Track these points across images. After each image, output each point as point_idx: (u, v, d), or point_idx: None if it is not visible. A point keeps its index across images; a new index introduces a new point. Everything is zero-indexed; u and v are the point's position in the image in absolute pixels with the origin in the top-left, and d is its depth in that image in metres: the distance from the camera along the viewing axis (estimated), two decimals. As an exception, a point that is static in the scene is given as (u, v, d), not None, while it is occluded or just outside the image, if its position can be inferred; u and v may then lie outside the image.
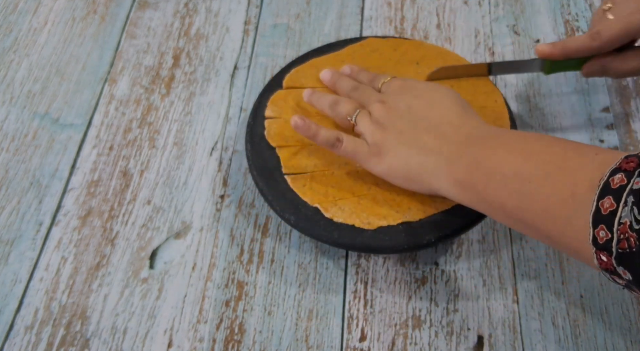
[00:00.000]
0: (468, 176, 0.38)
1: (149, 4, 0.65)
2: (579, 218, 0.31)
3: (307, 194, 0.45)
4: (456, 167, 0.39)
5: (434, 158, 0.41)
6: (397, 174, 0.43)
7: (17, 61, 0.60)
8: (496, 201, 0.37)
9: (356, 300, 0.46)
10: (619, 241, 0.29)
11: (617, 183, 0.29)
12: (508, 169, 0.36)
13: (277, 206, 0.45)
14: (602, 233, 0.30)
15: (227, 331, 0.45)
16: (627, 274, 0.29)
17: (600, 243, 0.30)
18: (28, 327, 0.45)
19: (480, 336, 0.45)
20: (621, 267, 0.29)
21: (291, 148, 0.48)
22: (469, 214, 0.44)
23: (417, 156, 0.41)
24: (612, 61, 0.48)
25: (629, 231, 0.28)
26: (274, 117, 0.50)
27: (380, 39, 0.55)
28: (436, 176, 0.41)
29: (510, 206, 0.36)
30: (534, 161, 0.35)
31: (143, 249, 0.49)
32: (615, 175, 0.30)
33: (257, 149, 0.48)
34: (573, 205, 0.32)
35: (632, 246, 0.28)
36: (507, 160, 0.37)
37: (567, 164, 0.33)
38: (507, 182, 0.36)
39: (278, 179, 0.46)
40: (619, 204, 0.29)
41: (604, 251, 0.30)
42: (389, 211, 0.44)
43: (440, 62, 0.53)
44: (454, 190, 0.40)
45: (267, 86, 0.52)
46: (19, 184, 0.52)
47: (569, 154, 0.34)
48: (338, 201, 0.45)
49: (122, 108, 0.57)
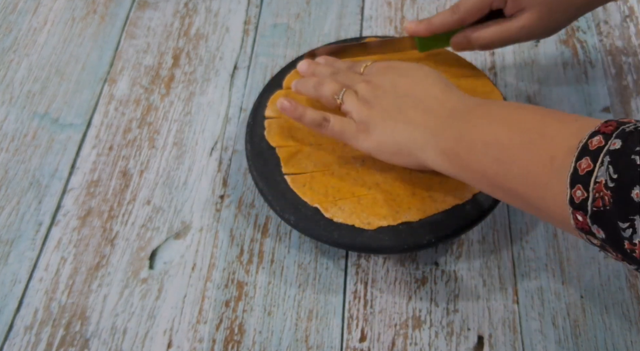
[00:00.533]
0: (453, 147, 0.39)
1: (148, 4, 0.65)
2: (557, 181, 0.32)
3: (307, 194, 0.45)
4: (442, 139, 0.40)
5: (420, 132, 0.41)
6: (385, 149, 0.43)
7: (17, 60, 0.60)
8: (479, 169, 0.37)
9: (356, 300, 0.46)
10: (594, 200, 0.29)
11: (595, 144, 0.30)
12: (490, 137, 0.37)
13: (277, 206, 0.45)
14: (578, 192, 0.30)
15: (227, 331, 0.45)
16: (601, 233, 0.30)
17: (576, 203, 0.30)
18: (27, 327, 0.45)
19: (480, 336, 0.44)
20: (595, 225, 0.30)
21: (291, 148, 0.48)
22: (469, 214, 0.44)
23: (405, 131, 0.42)
24: (473, 32, 0.49)
25: (604, 189, 0.29)
26: (274, 117, 0.50)
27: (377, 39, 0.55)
28: (423, 149, 0.41)
29: (492, 173, 0.36)
30: (514, 129, 0.36)
31: (143, 250, 0.49)
32: (593, 137, 0.30)
33: (257, 149, 0.48)
34: (552, 169, 0.32)
35: (607, 204, 0.29)
36: (488, 129, 0.37)
37: (546, 131, 0.34)
38: (488, 150, 0.37)
39: (278, 179, 0.46)
40: (595, 164, 0.29)
41: (579, 210, 0.30)
42: (389, 211, 0.44)
43: (440, 62, 0.53)
44: (439, 161, 0.40)
45: (267, 86, 0.52)
46: (19, 184, 0.52)
47: (548, 121, 0.35)
48: (338, 201, 0.45)
49: (122, 108, 0.57)
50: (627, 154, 0.28)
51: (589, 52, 0.61)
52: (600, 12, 0.63)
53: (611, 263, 0.48)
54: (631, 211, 0.27)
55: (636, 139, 0.29)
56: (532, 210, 0.36)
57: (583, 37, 0.62)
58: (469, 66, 0.53)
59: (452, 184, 0.45)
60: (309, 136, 0.48)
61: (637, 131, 0.29)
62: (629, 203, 0.27)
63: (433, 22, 0.50)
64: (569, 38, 0.61)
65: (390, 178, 0.46)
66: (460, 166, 0.39)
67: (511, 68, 0.59)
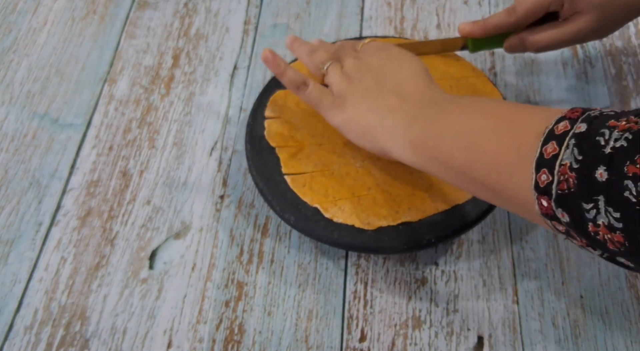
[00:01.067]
0: (421, 135, 0.39)
1: (148, 4, 0.65)
2: (523, 167, 0.32)
3: (307, 195, 0.45)
4: (411, 128, 0.40)
5: (391, 117, 0.41)
6: (353, 128, 0.43)
7: (17, 61, 0.60)
8: (447, 159, 0.37)
9: (356, 301, 0.46)
10: (559, 183, 0.29)
11: (562, 129, 0.30)
12: (460, 126, 0.37)
13: (277, 206, 0.45)
14: (543, 176, 0.30)
15: (226, 331, 0.45)
16: (566, 217, 0.30)
17: (541, 187, 0.30)
18: (27, 327, 0.45)
19: (480, 336, 0.44)
20: (560, 209, 0.30)
21: (291, 148, 0.48)
22: (469, 214, 0.44)
23: (376, 113, 0.42)
24: (529, 35, 0.49)
25: (569, 171, 0.29)
26: (274, 117, 0.50)
27: (380, 39, 0.55)
28: (390, 136, 0.41)
29: (459, 162, 0.36)
30: (485, 117, 0.36)
31: (143, 250, 0.49)
32: (560, 123, 0.31)
33: (256, 149, 0.48)
34: (519, 155, 0.32)
35: (571, 186, 0.29)
36: (459, 118, 0.37)
37: (515, 118, 0.34)
38: (457, 138, 0.36)
39: (278, 180, 0.46)
40: (561, 148, 0.29)
41: (544, 195, 0.30)
42: (388, 211, 0.44)
43: (440, 61, 0.53)
44: (405, 151, 0.40)
45: (266, 86, 0.52)
46: (19, 185, 0.52)
47: (519, 110, 0.35)
48: (338, 201, 0.45)
49: (122, 108, 0.57)
50: (591, 136, 0.28)
51: (589, 52, 0.61)
52: (600, 12, 0.63)
53: (611, 264, 0.48)
54: (595, 191, 0.27)
55: (600, 122, 0.29)
56: (499, 200, 0.36)
57: (583, 37, 0.62)
58: (469, 67, 0.53)
59: (451, 188, 0.45)
60: (309, 136, 0.48)
61: (602, 116, 0.29)
62: (592, 183, 0.28)
63: (488, 24, 0.50)
64: (569, 38, 0.61)
65: (390, 177, 0.46)
66: (428, 157, 0.38)
67: (511, 68, 0.59)
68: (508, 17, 0.49)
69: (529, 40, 0.50)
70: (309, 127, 0.49)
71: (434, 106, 0.40)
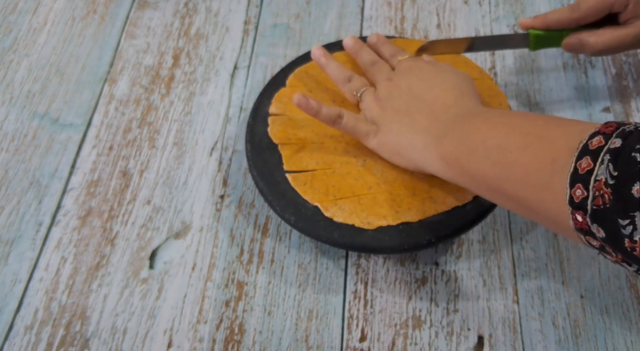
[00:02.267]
0: (452, 151, 0.40)
1: (148, 3, 0.65)
2: (557, 182, 0.32)
3: (308, 193, 0.45)
4: (442, 144, 0.41)
5: (422, 136, 0.43)
6: (387, 149, 0.45)
7: (17, 60, 0.60)
8: (478, 173, 0.38)
9: (356, 300, 0.46)
10: (594, 198, 0.29)
11: (595, 144, 0.30)
12: (491, 142, 0.37)
13: (277, 206, 0.45)
14: (578, 191, 0.30)
15: (227, 331, 0.45)
16: (601, 232, 0.30)
17: (576, 202, 0.30)
18: (28, 327, 0.45)
19: (480, 336, 0.44)
20: (595, 224, 0.30)
21: (293, 146, 0.48)
22: (469, 214, 0.44)
23: (408, 134, 0.43)
24: (589, 36, 0.49)
25: (604, 187, 0.29)
26: (278, 114, 0.50)
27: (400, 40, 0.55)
28: (423, 154, 0.42)
29: (492, 177, 0.37)
30: (516, 133, 0.36)
31: (143, 250, 0.49)
32: (594, 138, 0.31)
33: (257, 148, 0.48)
34: (552, 170, 0.32)
35: (606, 202, 0.29)
36: (490, 134, 0.38)
37: (547, 134, 0.34)
38: (489, 154, 0.37)
39: (278, 179, 0.46)
40: (596, 163, 0.29)
41: (579, 210, 0.30)
42: (389, 211, 0.44)
43: (449, 62, 0.53)
44: (439, 166, 0.41)
45: (267, 86, 0.52)
46: (19, 184, 0.52)
47: (550, 125, 0.35)
48: (338, 201, 0.45)
49: (122, 108, 0.57)
50: (627, 151, 0.28)
51: (589, 52, 0.60)
52: (600, 12, 0.63)
53: (611, 263, 0.48)
54: (631, 207, 0.27)
55: (636, 138, 0.29)
56: (532, 215, 0.36)
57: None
58: (476, 69, 0.53)
59: (453, 185, 0.45)
60: (311, 134, 0.48)
61: (637, 131, 0.29)
62: (629, 199, 0.28)
63: (549, 18, 0.50)
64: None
65: (391, 177, 0.46)
66: (460, 171, 0.39)
67: (511, 68, 0.59)
68: (571, 13, 0.49)
69: (589, 42, 0.49)
70: (312, 126, 0.49)
71: (462, 122, 0.41)
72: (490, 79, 0.52)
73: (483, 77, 0.52)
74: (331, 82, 0.51)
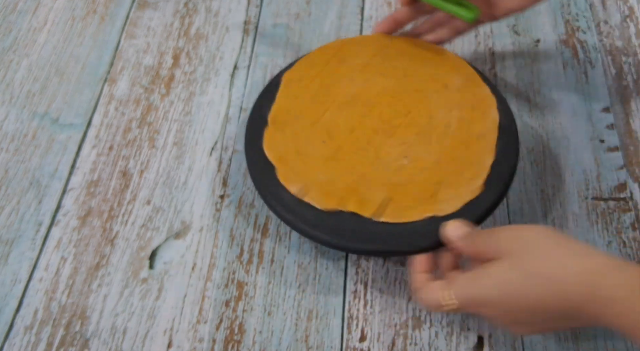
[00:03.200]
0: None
1: (148, 3, 0.65)
2: None
3: (307, 198, 0.45)
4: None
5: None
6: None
7: (17, 60, 0.60)
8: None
9: (356, 300, 0.46)
10: None
11: None
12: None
13: (276, 207, 0.45)
14: None
15: (227, 331, 0.45)
16: None
17: None
18: (28, 327, 0.45)
19: (480, 336, 0.44)
20: None
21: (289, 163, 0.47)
22: (469, 215, 0.44)
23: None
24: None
25: None
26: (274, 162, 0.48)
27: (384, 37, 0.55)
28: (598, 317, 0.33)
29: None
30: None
31: (143, 250, 0.49)
32: None
33: (256, 149, 0.48)
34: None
35: None
36: None
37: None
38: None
39: (277, 182, 0.46)
40: None
41: None
42: (390, 215, 0.44)
43: (440, 60, 0.53)
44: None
45: (266, 88, 0.52)
46: (19, 184, 0.52)
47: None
48: (338, 205, 0.45)
49: (122, 108, 0.57)
50: None
51: (589, 52, 0.61)
52: (600, 12, 0.63)
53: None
54: None
55: None
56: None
57: (583, 37, 0.62)
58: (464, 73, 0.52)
59: (453, 191, 0.45)
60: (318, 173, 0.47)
61: None
62: None
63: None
64: (569, 38, 0.61)
65: (394, 183, 0.46)
66: None
67: (511, 68, 0.59)
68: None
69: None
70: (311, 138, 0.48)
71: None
72: (477, 84, 0.51)
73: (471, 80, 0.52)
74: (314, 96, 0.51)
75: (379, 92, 0.51)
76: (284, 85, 0.51)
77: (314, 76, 0.52)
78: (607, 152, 0.53)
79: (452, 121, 0.49)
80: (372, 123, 0.49)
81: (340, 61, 0.53)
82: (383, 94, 0.51)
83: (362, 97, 0.51)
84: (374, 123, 0.49)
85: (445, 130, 0.49)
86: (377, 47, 0.54)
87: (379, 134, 0.49)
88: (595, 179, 0.52)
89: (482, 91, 0.50)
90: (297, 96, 0.51)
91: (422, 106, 0.50)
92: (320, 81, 0.52)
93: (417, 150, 0.48)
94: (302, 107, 0.50)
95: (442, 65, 0.53)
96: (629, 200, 0.51)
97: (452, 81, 0.51)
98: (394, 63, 0.53)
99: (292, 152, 0.47)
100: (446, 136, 0.48)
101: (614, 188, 0.51)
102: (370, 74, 0.52)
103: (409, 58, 0.53)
